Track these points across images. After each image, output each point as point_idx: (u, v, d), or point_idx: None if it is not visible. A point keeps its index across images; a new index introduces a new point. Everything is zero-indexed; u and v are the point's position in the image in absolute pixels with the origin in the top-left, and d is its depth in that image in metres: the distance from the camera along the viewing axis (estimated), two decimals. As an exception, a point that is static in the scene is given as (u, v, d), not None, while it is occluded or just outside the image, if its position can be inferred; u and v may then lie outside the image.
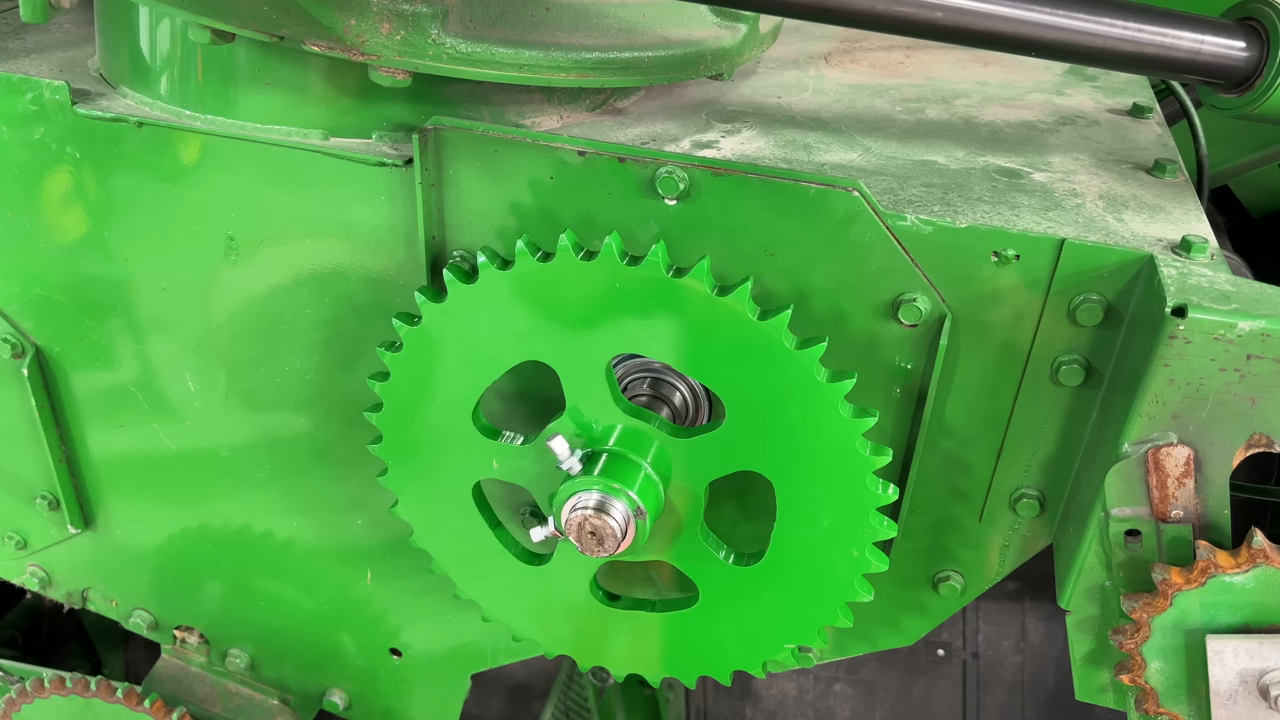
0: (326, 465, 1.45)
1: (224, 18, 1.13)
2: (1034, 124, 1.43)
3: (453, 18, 1.15)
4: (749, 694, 2.52)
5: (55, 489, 1.57)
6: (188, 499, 1.56)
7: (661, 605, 1.32)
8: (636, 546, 1.17)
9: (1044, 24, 1.11)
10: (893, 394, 1.20)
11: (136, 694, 1.65)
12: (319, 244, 1.28)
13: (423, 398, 1.22)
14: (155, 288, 1.37)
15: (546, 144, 1.15)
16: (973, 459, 1.22)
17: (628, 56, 1.25)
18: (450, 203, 1.21)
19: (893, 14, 1.10)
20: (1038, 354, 1.14)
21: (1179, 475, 1.02)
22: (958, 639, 2.43)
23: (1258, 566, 1.00)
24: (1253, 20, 1.16)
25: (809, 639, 1.25)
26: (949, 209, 1.12)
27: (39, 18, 1.24)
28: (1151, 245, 1.08)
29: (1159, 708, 1.09)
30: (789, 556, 1.19)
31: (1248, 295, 0.99)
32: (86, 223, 1.35)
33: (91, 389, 1.49)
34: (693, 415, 1.29)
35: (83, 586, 1.71)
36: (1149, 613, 1.05)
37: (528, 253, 1.12)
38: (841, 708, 2.50)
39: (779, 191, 1.11)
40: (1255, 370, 0.97)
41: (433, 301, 1.17)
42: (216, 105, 1.27)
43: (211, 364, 1.41)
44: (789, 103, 1.45)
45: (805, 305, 1.16)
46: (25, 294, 1.43)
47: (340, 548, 1.54)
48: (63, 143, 1.30)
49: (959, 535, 1.28)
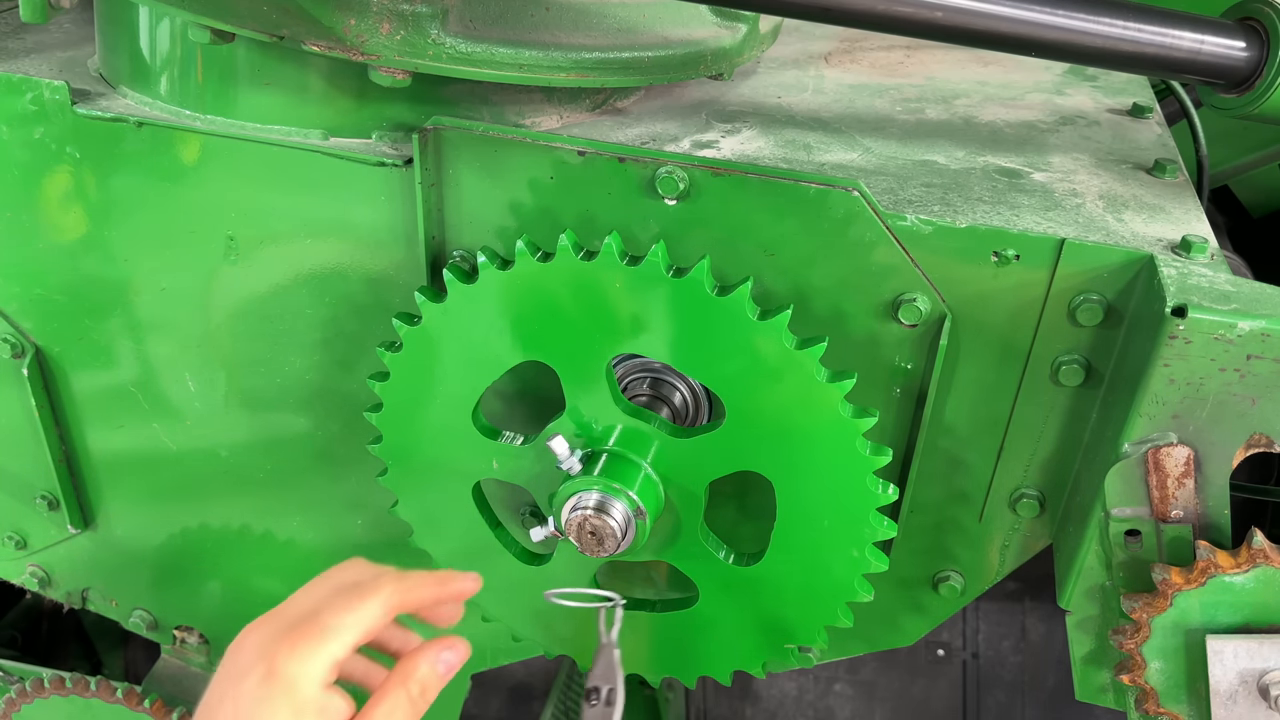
0: (326, 465, 1.45)
1: (224, 18, 1.13)
2: (1034, 124, 1.43)
3: (453, 18, 1.15)
4: (749, 694, 2.52)
5: (55, 489, 1.57)
6: (188, 499, 1.56)
7: (661, 605, 1.32)
8: (636, 546, 1.17)
9: (1044, 24, 1.11)
10: (893, 394, 1.20)
11: (136, 694, 1.65)
12: (319, 244, 1.28)
13: (423, 398, 1.22)
14: (155, 288, 1.37)
15: (546, 144, 1.15)
16: (973, 459, 1.22)
17: (628, 56, 1.25)
18: (450, 203, 1.21)
19: (893, 14, 1.10)
20: (1038, 354, 1.14)
21: (1179, 475, 1.02)
22: (958, 639, 2.43)
23: (1258, 566, 1.00)
24: (1253, 20, 1.16)
25: (809, 639, 1.25)
26: (949, 209, 1.12)
27: (39, 18, 1.24)
28: (1151, 245, 1.08)
29: (1159, 708, 1.09)
30: (789, 556, 1.19)
31: (1248, 295, 0.99)
32: (86, 223, 1.35)
33: (91, 389, 1.49)
34: (693, 415, 1.29)
35: (82, 586, 1.71)
36: (1149, 613, 1.05)
37: (528, 253, 1.11)
38: (841, 708, 2.50)
39: (779, 191, 1.11)
40: (1255, 370, 0.97)
41: (433, 301, 1.17)
42: (216, 105, 1.27)
43: (211, 364, 1.41)
44: (789, 103, 1.45)
45: (805, 305, 1.16)
46: (25, 294, 1.43)
47: (340, 548, 1.54)
48: (62, 143, 1.30)
49: (959, 535, 1.28)
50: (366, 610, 0.92)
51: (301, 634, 0.88)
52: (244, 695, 0.87)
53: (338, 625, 0.89)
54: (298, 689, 0.86)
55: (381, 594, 0.94)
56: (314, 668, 0.87)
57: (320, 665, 0.88)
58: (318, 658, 0.88)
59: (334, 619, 0.90)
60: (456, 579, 1.02)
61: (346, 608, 0.91)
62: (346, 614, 0.91)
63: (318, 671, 0.87)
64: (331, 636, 0.89)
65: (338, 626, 0.89)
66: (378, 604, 0.93)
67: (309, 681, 0.87)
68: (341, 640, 0.89)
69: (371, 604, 0.92)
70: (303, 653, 0.87)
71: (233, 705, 0.87)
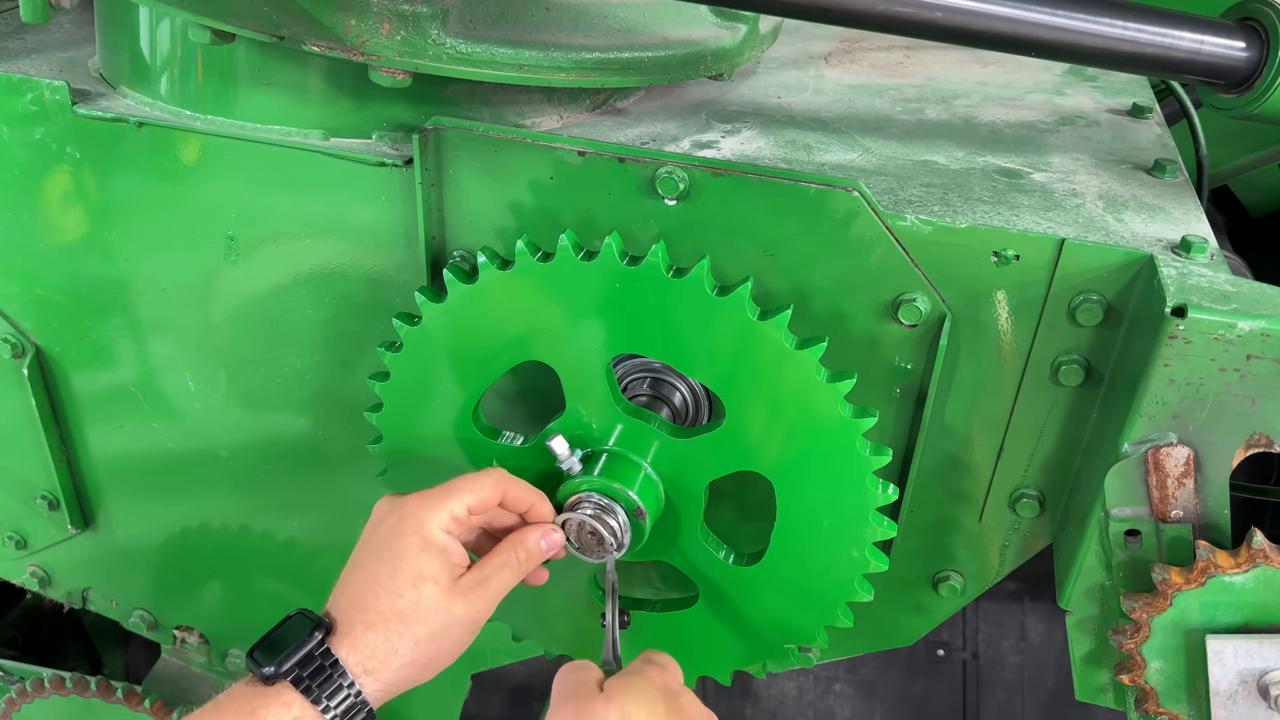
0: (327, 465, 1.45)
1: (224, 18, 1.13)
2: (1034, 124, 1.43)
3: (453, 18, 1.15)
4: (749, 694, 2.52)
5: (55, 489, 1.57)
6: (188, 499, 1.56)
7: (661, 605, 1.32)
8: (636, 546, 1.17)
9: (1044, 24, 1.11)
10: (893, 394, 1.20)
11: (136, 694, 1.65)
12: (319, 244, 1.28)
13: (423, 398, 1.23)
14: (155, 288, 1.37)
15: (546, 144, 1.15)
16: (973, 459, 1.22)
17: (628, 56, 1.25)
18: (450, 203, 1.21)
19: (893, 14, 1.10)
20: (1038, 354, 1.14)
21: (1179, 475, 1.02)
22: (958, 639, 2.43)
23: (1258, 566, 1.01)
24: (1253, 20, 1.16)
25: (809, 639, 1.25)
26: (949, 209, 1.12)
27: (39, 18, 1.24)
28: (1151, 245, 1.08)
29: (1159, 708, 1.09)
30: (789, 556, 1.19)
31: (1248, 295, 0.99)
32: (86, 223, 1.35)
33: (91, 389, 1.49)
34: (693, 415, 1.29)
35: (83, 586, 1.71)
36: (1149, 613, 1.05)
37: (528, 253, 1.12)
38: (841, 708, 2.50)
39: (779, 191, 1.11)
40: (1255, 370, 0.97)
41: (433, 301, 1.17)
42: (216, 105, 1.27)
43: (211, 364, 1.41)
44: (789, 103, 1.45)
45: (805, 305, 1.16)
46: (25, 294, 1.43)
47: (340, 548, 1.53)
48: (63, 143, 1.30)
49: (959, 535, 1.28)
50: (481, 481, 1.10)
51: (428, 493, 1.08)
52: (379, 533, 1.07)
53: (457, 488, 1.08)
54: (425, 528, 1.05)
55: (494, 475, 1.11)
56: (439, 515, 1.06)
57: (444, 514, 1.06)
58: (442, 508, 1.06)
59: (457, 484, 1.09)
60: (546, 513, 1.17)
61: (465, 479, 1.10)
62: (465, 481, 1.09)
63: (442, 518, 1.05)
64: (453, 495, 1.07)
65: (457, 489, 1.08)
66: (490, 479, 1.10)
67: (435, 524, 1.05)
68: (461, 499, 1.07)
69: (485, 478, 1.10)
70: (429, 503, 1.06)
71: (369, 542, 1.08)
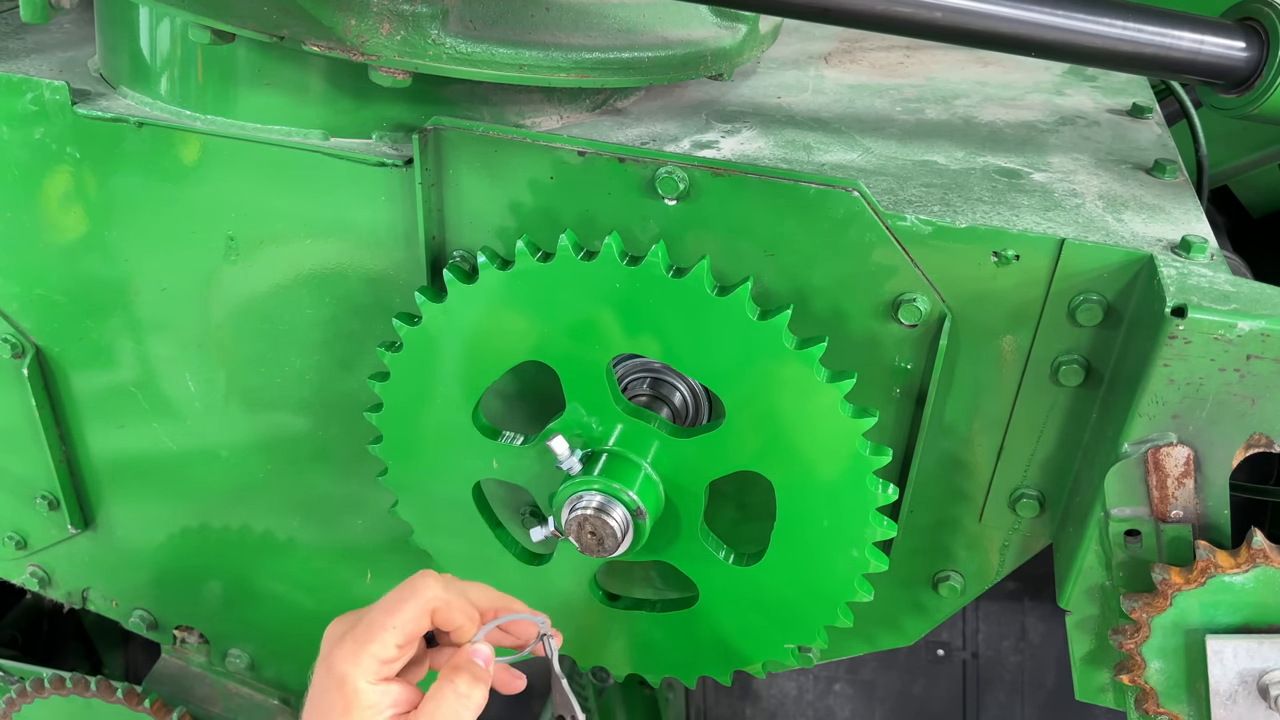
0: (326, 465, 1.45)
1: (224, 18, 1.13)
2: (1034, 124, 1.43)
3: (453, 18, 1.15)
4: (749, 694, 2.52)
5: (55, 489, 1.57)
6: (188, 499, 1.56)
7: (661, 605, 1.32)
8: (636, 546, 1.17)
9: (1044, 24, 1.11)
10: (893, 394, 1.20)
11: (136, 694, 1.65)
12: (319, 244, 1.28)
13: (423, 398, 1.23)
14: (155, 288, 1.37)
15: (546, 144, 1.15)
16: (973, 459, 1.22)
17: (628, 56, 1.25)
18: (450, 203, 1.21)
19: (893, 14, 1.10)
20: (1038, 354, 1.14)
21: (1179, 475, 1.02)
22: (958, 639, 2.43)
23: (1258, 566, 1.00)
24: (1253, 20, 1.16)
25: (809, 639, 1.25)
26: (949, 209, 1.12)
27: (39, 18, 1.24)
28: (1151, 245, 1.08)
29: (1159, 708, 1.09)
30: (789, 556, 1.19)
31: (1248, 295, 0.99)
32: (86, 223, 1.35)
33: (91, 389, 1.49)
34: (693, 415, 1.29)
35: (83, 586, 1.71)
36: (1149, 613, 1.05)
37: (528, 253, 1.12)
38: (841, 708, 2.50)
39: (779, 192, 1.11)
40: (1255, 370, 0.97)
41: (433, 301, 1.17)
42: (216, 105, 1.27)
43: (211, 364, 1.41)
44: (789, 103, 1.45)
45: (805, 305, 1.16)
46: (25, 294, 1.43)
47: (340, 548, 1.54)
48: (63, 143, 1.30)
49: (959, 535, 1.28)
50: (404, 612, 0.98)
51: (352, 635, 0.97)
52: (314, 688, 0.98)
53: (379, 626, 0.96)
54: (347, 684, 0.94)
55: (419, 598, 0.99)
56: (363, 667, 0.95)
57: (369, 664, 0.95)
58: (364, 657, 0.95)
59: (379, 619, 0.97)
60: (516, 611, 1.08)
61: (387, 610, 0.98)
62: (386, 615, 0.97)
63: (367, 669, 0.95)
64: (374, 638, 0.96)
65: (379, 628, 0.96)
66: (416, 605, 0.98)
67: (359, 678, 0.95)
68: (383, 641, 0.96)
69: (410, 605, 0.98)
70: (349, 652, 0.95)
71: (309, 699, 0.98)
